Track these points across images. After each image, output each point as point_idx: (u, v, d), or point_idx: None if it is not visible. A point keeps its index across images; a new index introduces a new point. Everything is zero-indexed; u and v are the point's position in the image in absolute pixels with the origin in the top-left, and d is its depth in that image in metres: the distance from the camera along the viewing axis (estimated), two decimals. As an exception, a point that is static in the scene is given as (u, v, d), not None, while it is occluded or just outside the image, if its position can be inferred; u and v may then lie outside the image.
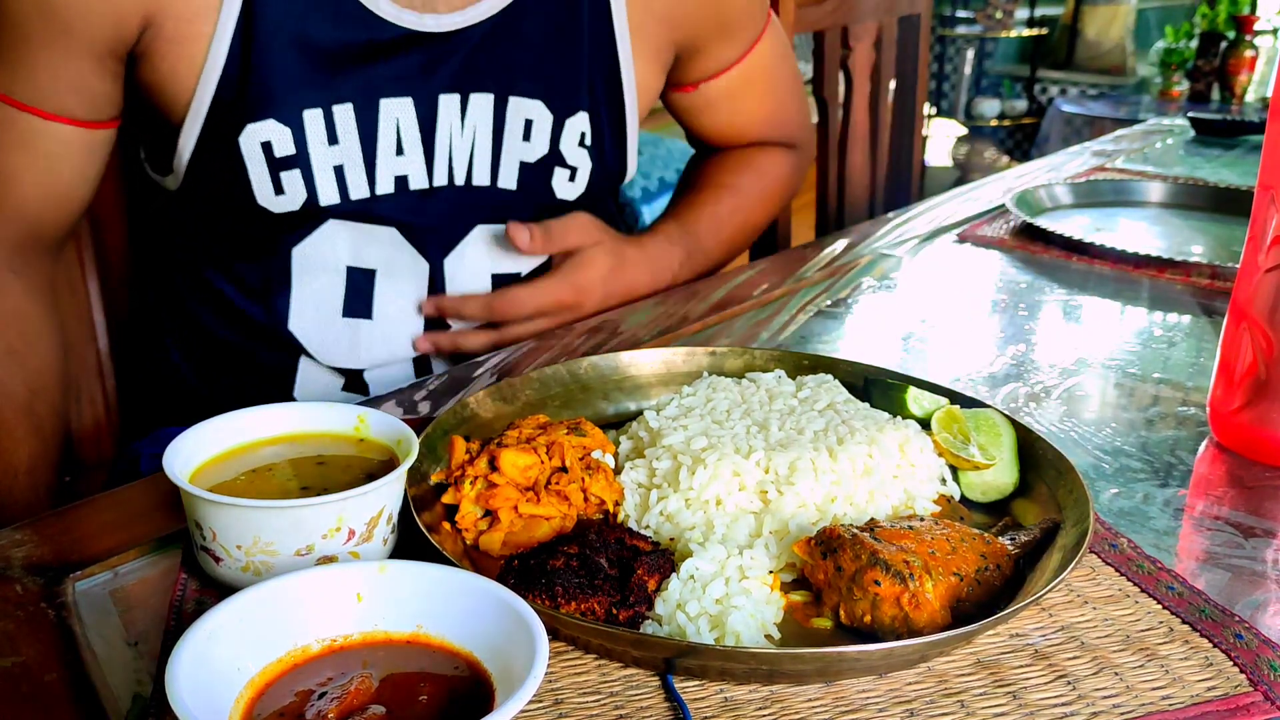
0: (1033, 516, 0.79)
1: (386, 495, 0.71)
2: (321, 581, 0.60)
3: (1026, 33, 6.10)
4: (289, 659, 0.57)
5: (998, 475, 0.83)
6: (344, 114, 1.07)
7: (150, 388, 1.33)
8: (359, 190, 1.10)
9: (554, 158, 1.20)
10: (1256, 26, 5.05)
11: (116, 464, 1.30)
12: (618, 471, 0.83)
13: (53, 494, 1.15)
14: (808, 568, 0.71)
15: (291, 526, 0.67)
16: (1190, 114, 2.44)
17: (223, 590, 0.68)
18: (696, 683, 0.64)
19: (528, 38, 1.14)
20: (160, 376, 1.30)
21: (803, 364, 0.97)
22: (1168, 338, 1.19)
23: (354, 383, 1.20)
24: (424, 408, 1.00)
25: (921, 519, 0.75)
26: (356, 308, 1.17)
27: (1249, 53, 4.94)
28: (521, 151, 1.18)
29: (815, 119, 1.59)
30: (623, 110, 1.24)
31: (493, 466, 0.77)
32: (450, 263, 1.18)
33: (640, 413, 0.90)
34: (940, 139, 6.44)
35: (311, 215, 1.11)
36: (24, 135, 1.03)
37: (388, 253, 1.15)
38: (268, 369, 1.20)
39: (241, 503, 0.67)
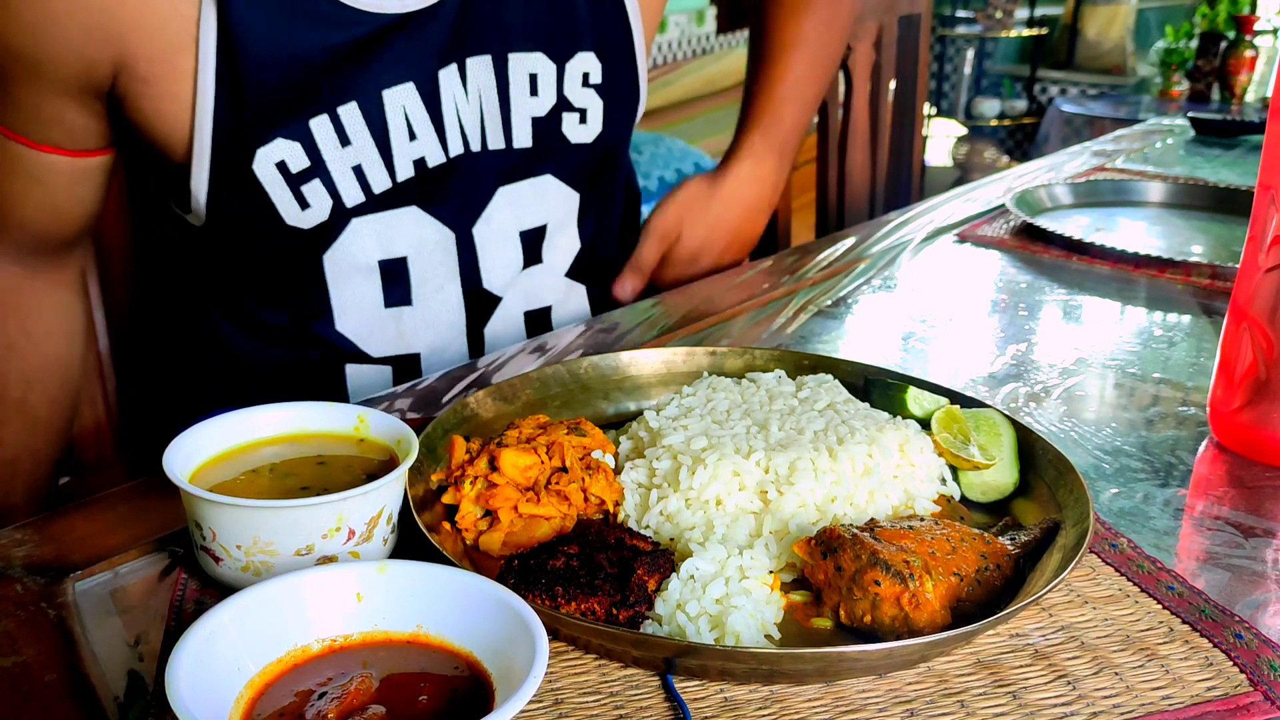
0: (1033, 516, 0.79)
1: (386, 495, 0.71)
2: (321, 581, 0.60)
3: (1026, 32, 6.10)
4: (289, 659, 0.57)
5: (998, 475, 0.83)
6: (350, 114, 1.06)
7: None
8: (381, 184, 1.10)
9: (561, 104, 1.18)
10: (1256, 26, 5.05)
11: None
12: (618, 471, 0.83)
13: (45, 490, 1.16)
14: (808, 568, 0.71)
15: (291, 526, 0.67)
16: (1190, 114, 2.44)
17: (223, 590, 0.68)
18: (696, 683, 0.64)
19: None
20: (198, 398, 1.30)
21: (803, 364, 0.97)
22: (1168, 338, 1.19)
23: (405, 372, 1.21)
24: (424, 408, 1.00)
25: (921, 519, 0.75)
26: (396, 297, 1.17)
27: (1249, 53, 4.94)
28: (531, 107, 1.16)
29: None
30: (630, 37, 1.22)
31: (493, 466, 0.77)
32: (478, 230, 1.18)
33: (640, 413, 0.90)
34: (940, 139, 6.44)
35: (338, 219, 1.11)
36: (16, 161, 1.04)
37: (414, 234, 1.15)
38: (315, 379, 1.20)
39: (241, 503, 0.67)
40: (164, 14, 0.97)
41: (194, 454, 0.73)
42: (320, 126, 1.05)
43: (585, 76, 1.18)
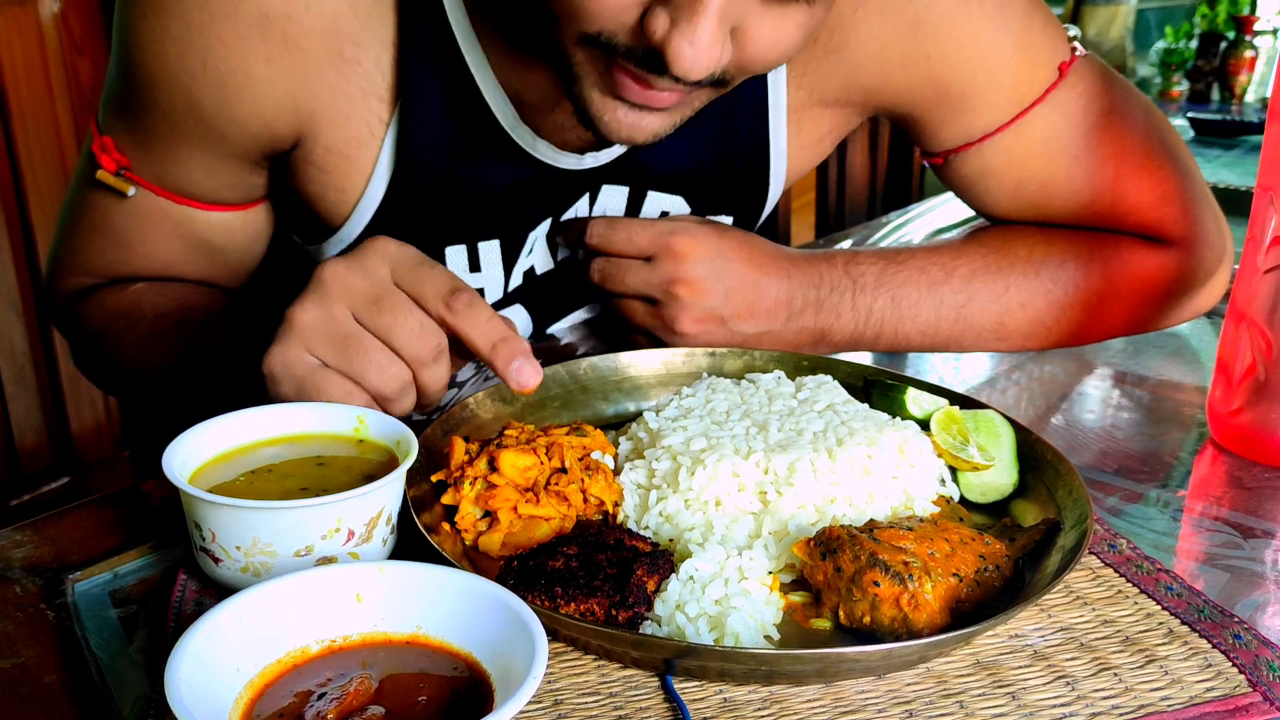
0: (1032, 517, 0.79)
1: (386, 496, 0.71)
2: (321, 582, 0.60)
3: (1026, 33, 6.08)
4: (288, 660, 0.57)
5: (997, 476, 0.83)
6: (489, 249, 1.05)
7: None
8: (494, 296, 1.09)
9: None
10: (1256, 27, 5.04)
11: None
12: (617, 472, 0.83)
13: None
14: (807, 568, 0.71)
15: (291, 527, 0.67)
16: (1190, 114, 2.44)
17: (222, 590, 0.68)
18: (696, 683, 0.64)
19: (682, 136, 0.99)
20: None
21: (802, 365, 0.97)
22: (1168, 338, 1.19)
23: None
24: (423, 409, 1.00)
25: (921, 520, 0.75)
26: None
27: (1249, 53, 4.93)
28: None
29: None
30: (763, 201, 1.15)
31: (492, 467, 0.77)
32: (555, 327, 1.19)
33: (640, 414, 0.90)
34: (940, 139, 6.42)
35: None
36: (180, 223, 1.00)
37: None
38: None
39: (241, 504, 0.67)
40: (354, 106, 0.94)
41: (194, 455, 0.73)
42: (455, 255, 1.04)
43: None
